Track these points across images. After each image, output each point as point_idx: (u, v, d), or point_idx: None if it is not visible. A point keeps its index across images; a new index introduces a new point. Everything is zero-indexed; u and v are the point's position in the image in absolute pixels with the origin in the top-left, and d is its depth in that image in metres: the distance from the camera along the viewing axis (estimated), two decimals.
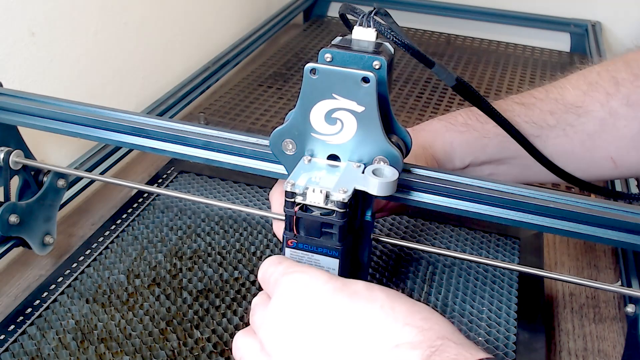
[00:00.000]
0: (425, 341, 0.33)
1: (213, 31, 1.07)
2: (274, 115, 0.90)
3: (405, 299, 0.37)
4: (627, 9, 1.21)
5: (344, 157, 0.43)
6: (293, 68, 1.06)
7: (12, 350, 0.49)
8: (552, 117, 0.55)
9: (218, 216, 0.66)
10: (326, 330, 0.35)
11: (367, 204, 0.45)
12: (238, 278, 0.58)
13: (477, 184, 0.44)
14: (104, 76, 0.80)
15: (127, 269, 0.58)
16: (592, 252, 0.68)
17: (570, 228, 0.43)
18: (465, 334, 0.53)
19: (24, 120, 0.53)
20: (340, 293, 0.36)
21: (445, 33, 1.27)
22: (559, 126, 0.55)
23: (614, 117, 0.54)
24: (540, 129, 0.55)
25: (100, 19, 0.77)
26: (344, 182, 0.41)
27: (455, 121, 0.58)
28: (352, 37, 0.43)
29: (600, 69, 0.57)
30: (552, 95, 0.57)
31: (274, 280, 0.39)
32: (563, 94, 0.56)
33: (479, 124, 0.57)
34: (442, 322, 0.35)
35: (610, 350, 0.56)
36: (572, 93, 0.56)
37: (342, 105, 0.41)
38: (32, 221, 0.57)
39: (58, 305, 0.54)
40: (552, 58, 1.16)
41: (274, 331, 0.37)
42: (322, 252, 0.42)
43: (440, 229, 0.67)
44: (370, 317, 0.35)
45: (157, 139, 0.50)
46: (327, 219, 0.40)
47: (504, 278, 0.60)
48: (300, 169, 0.43)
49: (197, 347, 0.50)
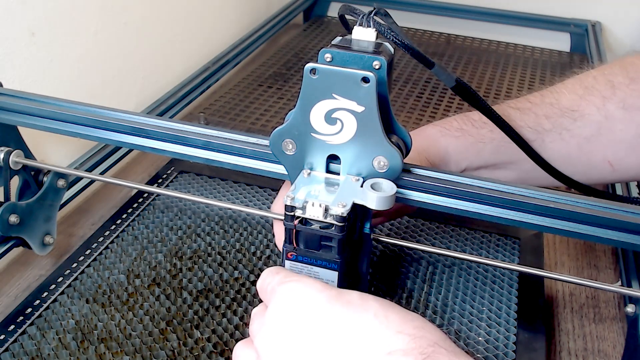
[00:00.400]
0: (417, 348, 0.34)
1: (213, 31, 1.07)
2: (274, 115, 0.90)
3: (398, 308, 0.37)
4: (627, 9, 1.21)
5: (344, 157, 0.43)
6: (293, 68, 1.06)
7: (12, 350, 0.49)
8: (548, 121, 0.56)
9: (218, 216, 0.66)
10: (320, 338, 0.36)
11: (366, 217, 0.45)
12: (238, 278, 0.58)
13: (477, 184, 0.44)
14: (104, 76, 0.80)
15: (127, 269, 0.58)
16: (592, 252, 0.68)
17: (570, 228, 0.43)
18: (465, 334, 0.53)
19: (24, 120, 0.53)
20: (335, 302, 0.37)
21: (445, 33, 1.27)
22: (555, 130, 0.56)
23: (610, 120, 0.54)
24: (536, 133, 0.56)
25: (100, 19, 0.77)
26: (343, 196, 0.41)
27: (450, 126, 0.58)
28: (352, 37, 0.43)
29: (596, 73, 0.57)
30: (547, 99, 0.57)
31: (270, 290, 0.40)
32: (559, 98, 0.56)
33: (474, 129, 0.57)
34: (433, 331, 0.36)
35: (610, 350, 0.56)
36: (567, 97, 0.56)
37: (342, 105, 0.41)
38: (32, 221, 0.57)
39: (58, 305, 0.54)
40: (552, 58, 1.16)
41: (269, 339, 0.37)
42: (321, 264, 0.43)
43: (440, 229, 0.67)
44: (364, 325, 0.36)
45: (157, 139, 0.50)
46: (326, 233, 0.41)
47: (504, 278, 0.60)
48: (299, 182, 0.43)
49: (197, 347, 0.50)
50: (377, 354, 0.34)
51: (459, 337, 0.53)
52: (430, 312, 0.55)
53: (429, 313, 0.55)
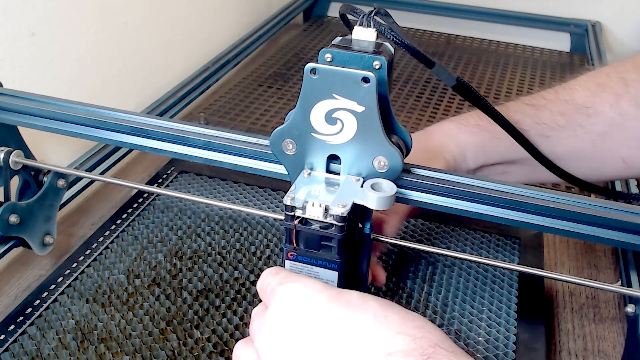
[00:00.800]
0: (417, 349, 0.34)
1: (213, 31, 1.07)
2: (274, 115, 0.90)
3: (398, 308, 0.37)
4: (627, 9, 1.21)
5: (344, 157, 0.43)
6: (293, 68, 1.06)
7: (12, 350, 0.49)
8: (563, 117, 0.56)
9: (218, 216, 0.66)
10: (320, 339, 0.36)
11: (366, 217, 0.45)
12: (238, 278, 0.58)
13: (477, 184, 0.44)
14: (104, 76, 0.80)
15: (127, 269, 0.58)
16: (592, 252, 0.68)
17: (570, 228, 0.43)
18: (465, 334, 0.53)
19: (24, 120, 0.53)
20: (335, 302, 0.37)
21: (445, 33, 1.27)
22: (569, 127, 0.56)
23: (623, 117, 0.54)
24: (550, 130, 0.56)
25: (100, 19, 0.77)
26: (343, 196, 0.41)
27: (467, 122, 0.58)
28: (352, 37, 0.43)
29: (609, 70, 0.57)
30: (561, 96, 0.57)
31: (270, 290, 0.39)
32: (573, 95, 0.56)
33: (491, 125, 0.57)
34: (434, 331, 0.36)
35: (610, 350, 0.56)
36: (581, 94, 0.56)
37: (342, 105, 0.41)
38: (32, 221, 0.57)
39: (58, 305, 0.54)
40: (552, 58, 1.16)
41: (269, 339, 0.37)
42: (321, 264, 0.43)
43: (440, 229, 0.67)
44: (364, 325, 0.36)
45: (157, 139, 0.50)
46: (326, 233, 0.41)
47: (504, 278, 0.60)
48: (300, 182, 0.43)
49: (197, 347, 0.50)
50: (377, 354, 0.34)
51: (459, 337, 0.53)
52: (430, 312, 0.55)
53: (429, 313, 0.55)
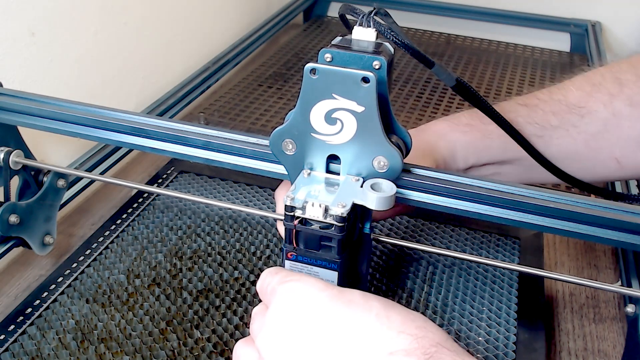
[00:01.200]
0: (419, 348, 0.34)
1: (213, 31, 1.07)
2: (274, 115, 0.90)
3: (400, 308, 0.37)
4: (627, 9, 1.21)
5: (344, 157, 0.43)
6: (293, 68, 1.06)
7: (12, 350, 0.49)
8: (555, 117, 0.56)
9: (218, 216, 0.66)
10: (322, 338, 0.36)
11: (366, 217, 0.45)
12: (238, 278, 0.58)
13: (477, 184, 0.44)
14: (104, 76, 0.80)
15: (127, 269, 0.58)
16: (592, 252, 0.68)
17: (570, 228, 0.43)
18: (465, 334, 0.53)
19: (24, 120, 0.53)
20: (336, 301, 0.37)
21: (445, 33, 1.27)
22: (562, 127, 0.55)
23: (617, 117, 0.54)
24: (543, 130, 0.55)
25: (100, 19, 0.77)
26: (343, 197, 0.41)
27: (458, 122, 0.58)
28: (352, 37, 0.43)
29: (604, 71, 0.57)
30: (555, 96, 0.57)
31: (270, 290, 0.39)
32: (566, 95, 0.56)
33: (482, 125, 0.57)
34: (436, 330, 0.36)
35: (610, 350, 0.56)
36: (575, 94, 0.56)
37: (342, 105, 0.41)
38: (32, 221, 0.57)
39: (58, 305, 0.54)
40: (552, 58, 1.16)
41: (270, 339, 0.37)
42: (321, 264, 0.43)
43: (440, 229, 0.67)
44: (366, 325, 0.35)
45: (157, 139, 0.50)
46: (326, 233, 0.41)
47: (504, 278, 0.60)
48: (299, 182, 0.43)
49: (197, 347, 0.50)
50: (379, 354, 0.34)
51: (459, 337, 0.53)
52: (430, 312, 0.55)
53: (429, 313, 0.55)
